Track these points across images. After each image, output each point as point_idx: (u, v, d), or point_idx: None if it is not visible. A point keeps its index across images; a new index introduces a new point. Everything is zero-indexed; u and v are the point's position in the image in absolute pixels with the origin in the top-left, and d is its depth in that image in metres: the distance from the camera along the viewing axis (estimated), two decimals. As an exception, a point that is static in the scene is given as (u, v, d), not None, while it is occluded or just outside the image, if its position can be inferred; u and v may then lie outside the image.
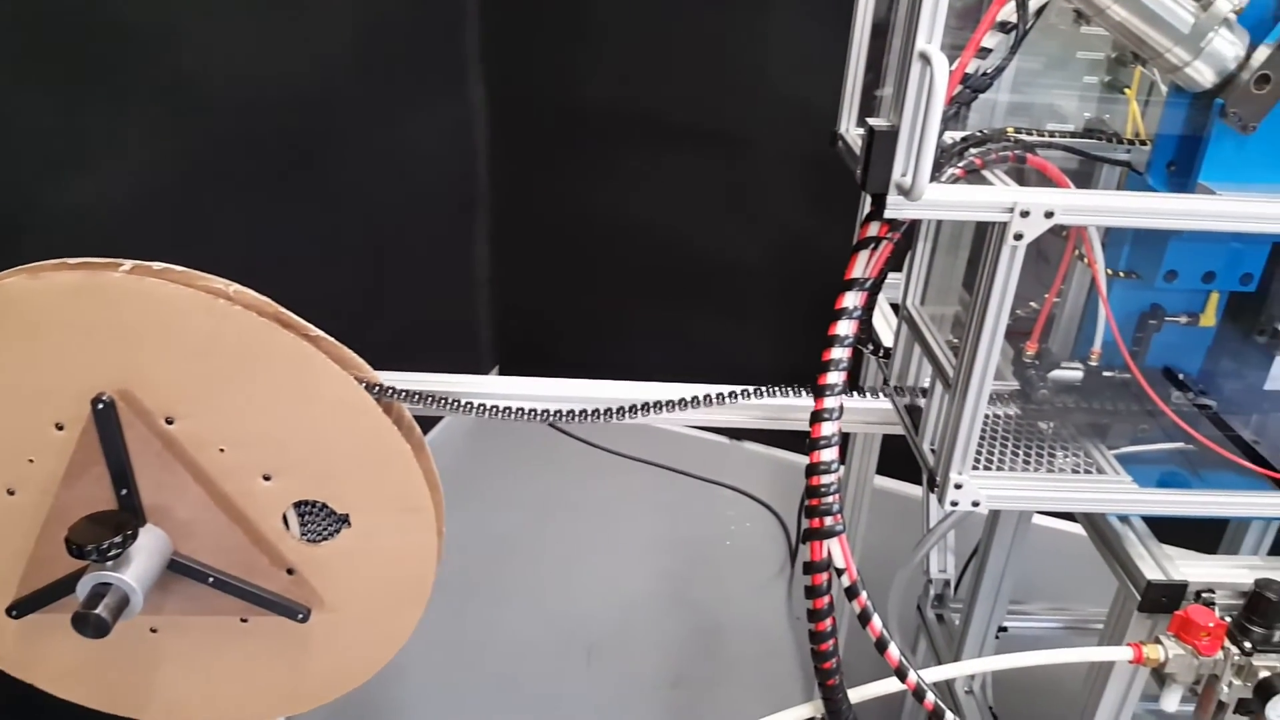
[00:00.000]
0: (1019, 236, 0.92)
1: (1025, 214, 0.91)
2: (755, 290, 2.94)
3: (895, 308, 1.45)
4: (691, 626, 2.41)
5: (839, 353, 1.06)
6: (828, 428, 1.08)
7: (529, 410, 1.23)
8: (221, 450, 1.12)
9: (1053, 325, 1.20)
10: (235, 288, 1.07)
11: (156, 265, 1.05)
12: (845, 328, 1.05)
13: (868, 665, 1.06)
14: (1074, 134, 1.20)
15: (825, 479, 1.07)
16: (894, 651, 1.04)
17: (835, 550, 1.06)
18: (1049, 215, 0.91)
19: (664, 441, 2.99)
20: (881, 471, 1.99)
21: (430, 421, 2.99)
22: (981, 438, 1.16)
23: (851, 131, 1.34)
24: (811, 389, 1.05)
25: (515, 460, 2.98)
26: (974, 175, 1.01)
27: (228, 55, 1.91)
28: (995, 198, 0.93)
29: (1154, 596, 1.03)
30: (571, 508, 2.82)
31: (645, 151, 2.83)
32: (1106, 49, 1.17)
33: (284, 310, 1.09)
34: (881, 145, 0.90)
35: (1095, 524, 1.15)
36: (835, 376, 1.07)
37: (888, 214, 0.94)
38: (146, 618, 1.20)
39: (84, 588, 1.07)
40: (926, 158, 0.87)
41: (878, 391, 1.42)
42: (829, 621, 1.05)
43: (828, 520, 1.07)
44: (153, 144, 1.77)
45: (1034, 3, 0.95)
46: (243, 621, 1.23)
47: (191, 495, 1.13)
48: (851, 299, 1.05)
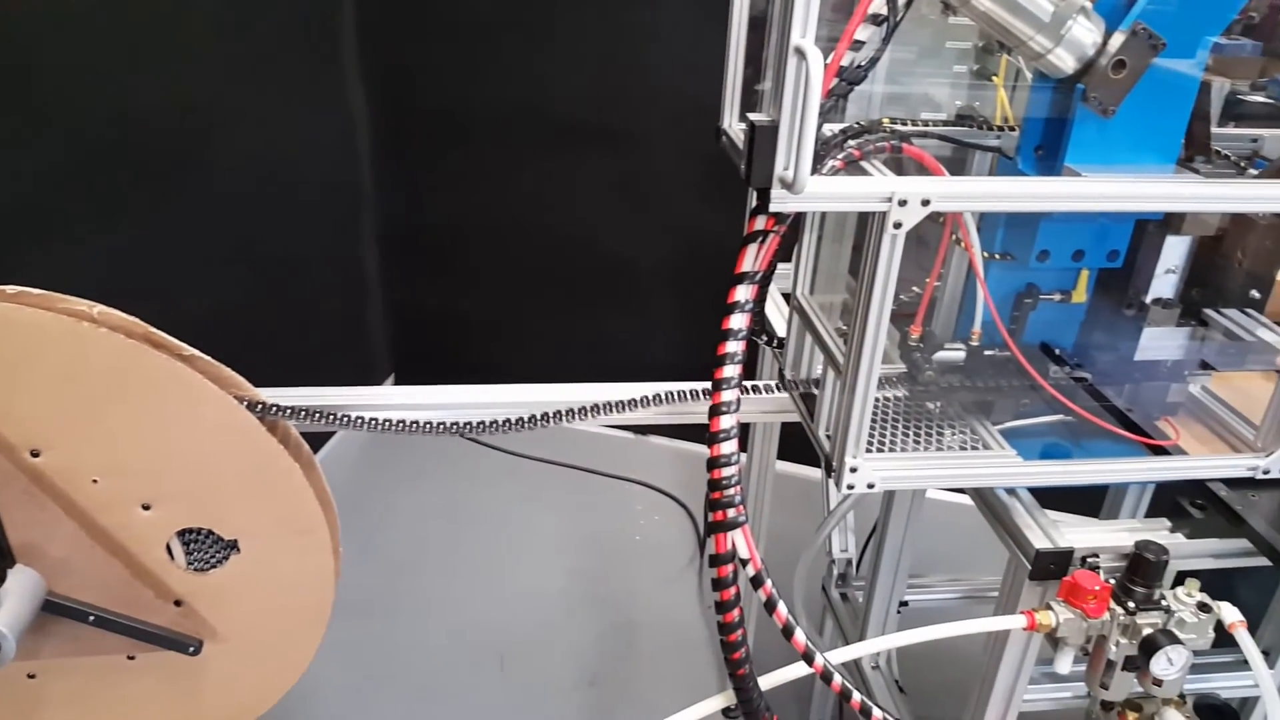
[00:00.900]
0: (898, 225, 0.94)
1: (903, 203, 0.93)
2: (654, 284, 2.95)
3: (786, 297, 1.47)
4: (605, 624, 2.40)
5: (733, 346, 1.07)
6: (726, 421, 1.09)
7: (424, 423, 1.21)
8: (95, 481, 1.06)
9: (935, 308, 1.23)
10: (100, 309, 1.02)
11: (10, 288, 0.99)
12: (738, 321, 1.06)
13: (781, 650, 1.07)
14: (947, 122, 1.24)
15: (726, 471, 1.08)
16: (800, 636, 1.05)
17: (739, 541, 1.07)
18: (926, 203, 0.93)
19: (569, 440, 2.98)
20: (782, 457, 2.02)
21: (324, 434, 2.91)
22: (873, 421, 1.18)
23: (735, 127, 1.35)
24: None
25: (415, 468, 2.92)
26: (854, 166, 1.03)
27: (85, 59, 1.81)
28: (874, 188, 0.94)
29: (1043, 565, 1.08)
30: (476, 513, 2.78)
31: (536, 149, 2.81)
32: (974, 38, 1.21)
33: (154, 330, 1.03)
34: (763, 140, 0.91)
35: (984, 497, 1.20)
36: (731, 369, 1.08)
37: (772, 208, 0.95)
38: (23, 664, 1.14)
39: (-51, 639, 1.00)
40: (807, 151, 0.88)
41: (774, 387, 1.44)
42: (737, 612, 1.06)
43: (731, 512, 1.08)
44: (2, 154, 1.67)
45: (902, -5, 0.97)
46: (130, 659, 1.17)
47: (65, 531, 1.07)
48: (743, 292, 1.06)
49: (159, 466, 1.07)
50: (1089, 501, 1.59)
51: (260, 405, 1.09)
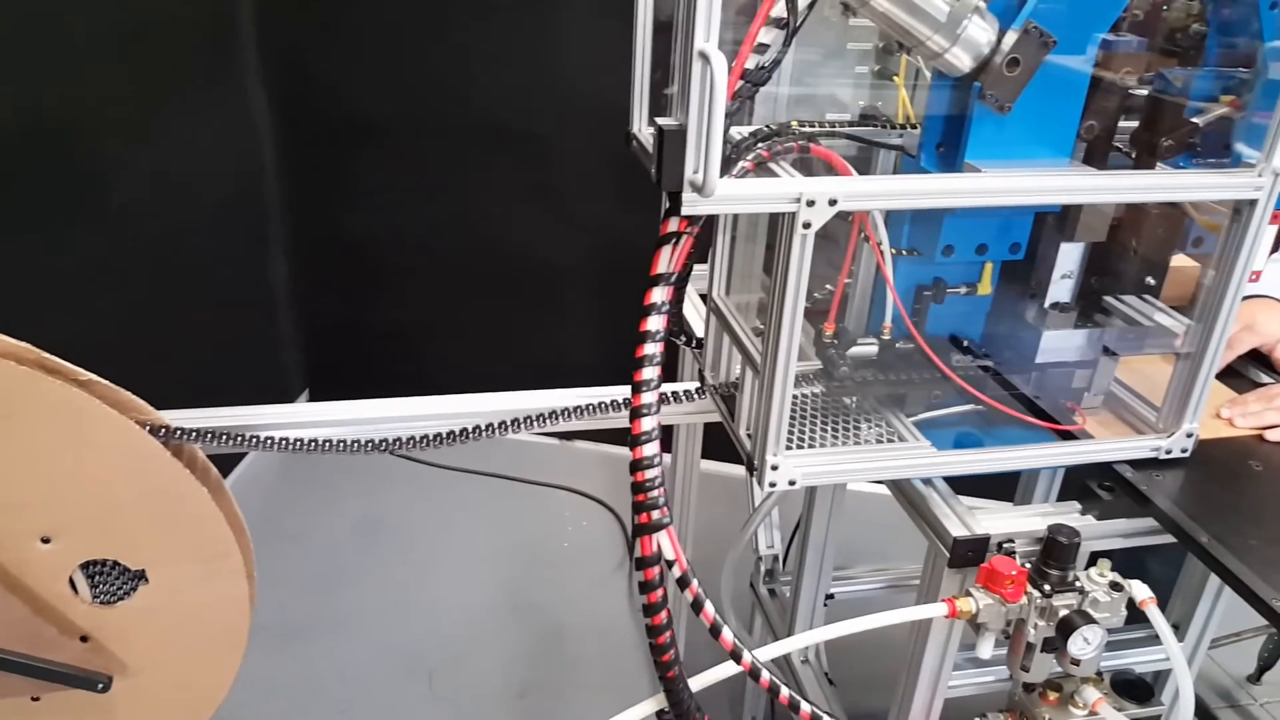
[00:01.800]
0: (807, 225, 0.96)
1: (811, 203, 0.94)
2: (573, 287, 2.94)
3: (704, 297, 1.48)
4: (535, 633, 2.39)
5: (651, 348, 1.07)
6: (647, 423, 1.09)
7: (336, 441, 1.18)
8: (-12, 517, 1.01)
9: (847, 305, 1.25)
10: (-14, 336, 0.97)
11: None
12: (655, 323, 1.06)
13: (713, 649, 1.07)
14: (852, 122, 1.26)
15: (649, 474, 1.08)
16: (728, 635, 1.06)
17: (665, 543, 1.07)
18: (833, 203, 0.95)
19: (491, 448, 2.94)
20: (707, 456, 2.03)
21: (236, 455, 2.83)
22: (792, 418, 1.20)
23: (644, 131, 1.35)
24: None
25: (332, 485, 2.85)
26: (763, 168, 1.04)
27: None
28: (783, 189, 0.96)
29: (961, 552, 1.10)
30: (398, 528, 2.73)
31: (448, 154, 2.78)
32: (874, 39, 1.23)
33: (47, 355, 0.99)
34: (671, 145, 0.91)
35: (902, 488, 1.22)
36: (650, 371, 1.08)
37: (684, 211, 0.95)
38: (-85, 713, 1.07)
39: None
40: (715, 154, 0.89)
41: (694, 392, 1.45)
42: (664, 614, 1.06)
43: (655, 514, 1.08)
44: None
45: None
46: (35, 700, 1.11)
47: (-44, 571, 1.01)
48: (659, 294, 1.06)
49: (58, 497, 1.02)
50: (1003, 486, 1.64)
51: (164, 429, 1.05)
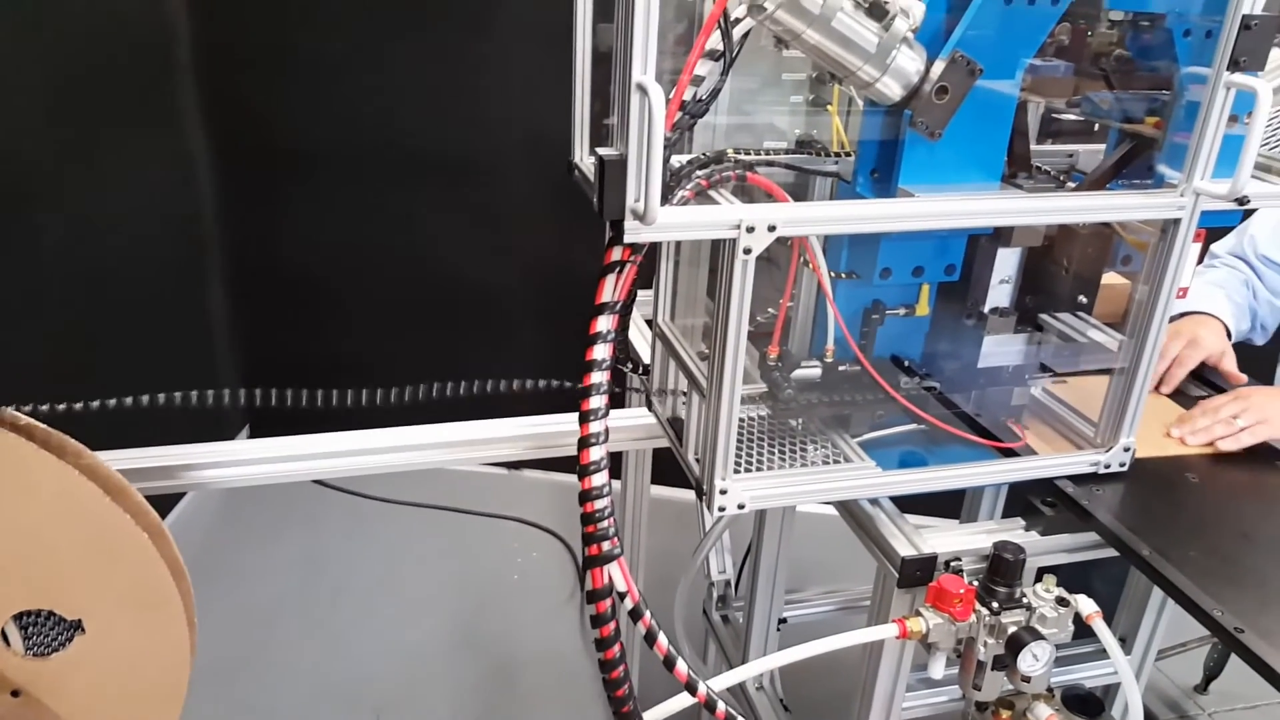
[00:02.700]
0: (748, 250, 0.97)
1: (751, 229, 0.96)
2: (518, 316, 2.93)
3: (649, 323, 1.49)
4: (486, 667, 2.35)
5: (598, 376, 1.07)
6: (595, 452, 1.08)
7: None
8: (-90, 570, 0.97)
9: (790, 328, 1.27)
10: (-94, 382, 0.93)
11: None
12: (601, 351, 1.06)
13: (668, 679, 1.06)
14: (789, 150, 1.28)
15: (599, 504, 1.08)
16: (682, 667, 1.05)
17: (616, 574, 1.06)
18: (772, 229, 0.96)
19: (438, 481, 2.91)
20: (657, 481, 2.03)
21: (175, 495, 2.76)
22: (740, 441, 1.20)
23: (585, 160, 1.36)
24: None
25: (275, 521, 2.79)
26: (703, 196, 1.05)
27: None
28: (723, 216, 0.97)
29: (909, 572, 1.11)
30: (344, 565, 2.68)
31: (390, 183, 2.76)
32: (808, 69, 1.25)
33: (-27, 401, 0.96)
34: (612, 174, 0.92)
35: (849, 508, 1.23)
36: (597, 400, 1.08)
37: (626, 239, 0.96)
38: None
39: None
40: (655, 183, 0.90)
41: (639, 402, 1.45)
42: (617, 648, 1.05)
43: (606, 545, 1.08)
44: None
45: (738, 31, 1.00)
46: (-38, 761, 1.06)
47: (-124, 628, 0.97)
48: (604, 323, 1.06)
49: (-15, 548, 0.99)
50: (950, 503, 1.66)
51: (99, 471, 1.02)
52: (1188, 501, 1.24)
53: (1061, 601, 1.09)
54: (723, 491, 1.11)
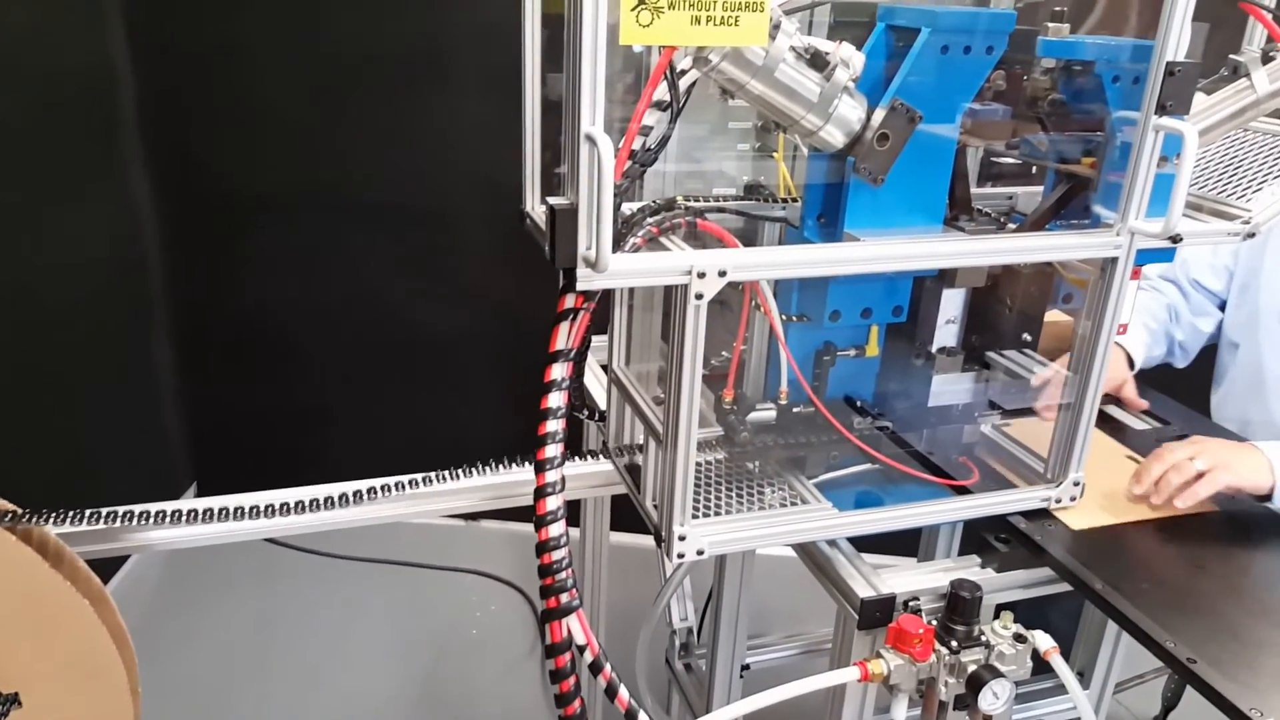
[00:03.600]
0: (699, 296, 0.97)
1: (702, 275, 0.97)
2: (471, 365, 2.91)
3: (605, 368, 1.49)
4: (445, 727, 2.30)
5: (553, 425, 1.07)
6: (552, 502, 1.08)
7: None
8: None
9: (744, 370, 1.28)
10: None
11: None
12: (556, 399, 1.06)
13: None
14: (737, 195, 1.30)
15: (556, 555, 1.07)
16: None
17: (575, 627, 1.05)
18: (723, 274, 0.97)
19: (393, 534, 2.85)
20: (616, 527, 2.01)
21: (118, 558, 2.67)
22: (697, 485, 1.20)
23: (537, 209, 1.37)
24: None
25: (223, 581, 2.71)
26: (654, 242, 1.06)
27: None
28: (674, 263, 0.98)
29: (869, 613, 1.11)
30: (295, 624, 2.61)
31: (340, 232, 2.74)
32: (753, 118, 1.28)
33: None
34: (563, 223, 0.93)
35: (808, 550, 1.23)
36: (553, 449, 1.07)
37: (579, 287, 0.96)
38: None
39: None
40: (606, 231, 0.91)
41: (598, 454, 1.44)
42: (578, 704, 1.04)
43: (564, 598, 1.06)
44: None
45: (684, 81, 1.02)
46: None
47: None
48: (558, 370, 1.06)
49: (-85, 620, 0.95)
50: (907, 540, 1.66)
51: (38, 536, 0.99)
52: (1140, 535, 1.26)
53: (1019, 638, 1.09)
54: (681, 538, 1.11)
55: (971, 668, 1.07)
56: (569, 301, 1.04)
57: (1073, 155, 1.22)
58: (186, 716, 2.24)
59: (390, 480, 1.37)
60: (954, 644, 1.08)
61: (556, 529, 1.07)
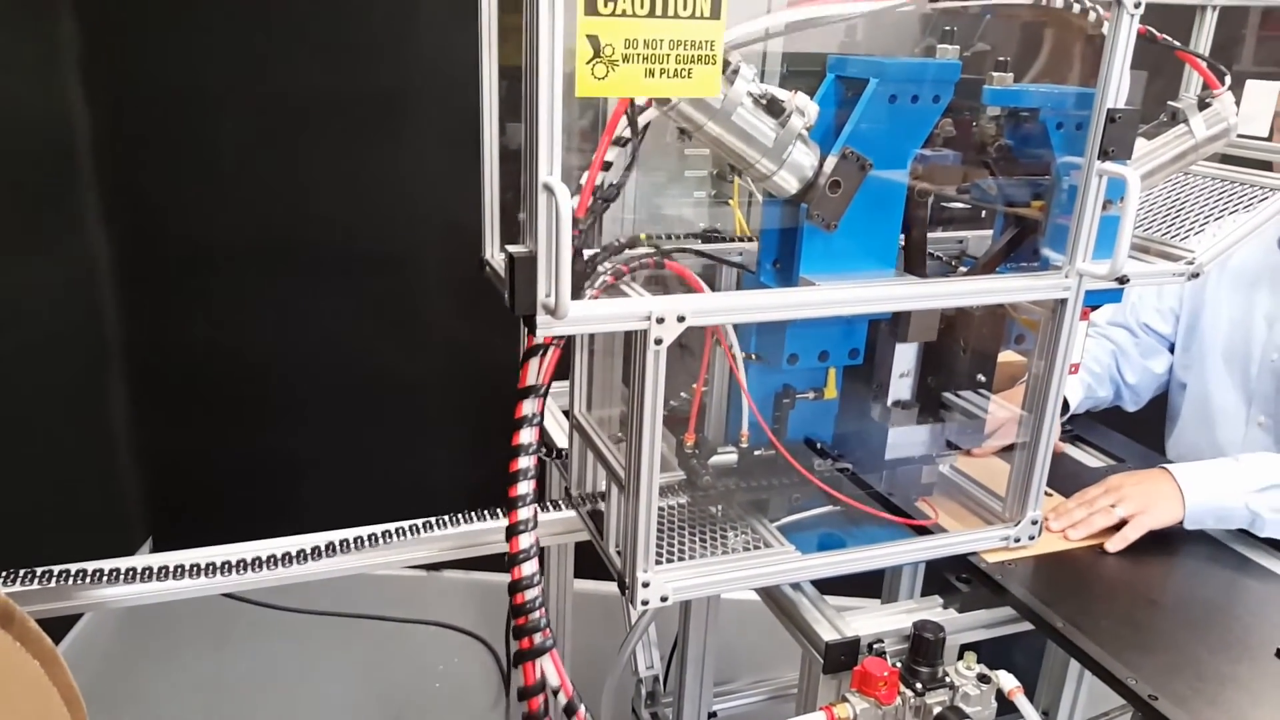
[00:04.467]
0: (659, 341, 0.98)
1: (661, 320, 0.97)
2: (433, 410, 2.89)
3: (566, 413, 1.48)
4: (409, 784, 2.24)
5: (525, 461, 1.06)
6: (525, 539, 1.07)
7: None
8: None
9: (705, 414, 1.28)
10: None
11: None
12: (528, 435, 1.06)
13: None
14: (697, 236, 1.32)
15: (530, 594, 1.06)
16: (611, 769, 1.03)
17: (549, 668, 1.04)
18: (682, 319, 0.98)
19: (353, 586, 2.79)
20: (579, 574, 1.99)
21: (71, 616, 2.60)
22: (660, 530, 1.20)
23: (496, 256, 1.37)
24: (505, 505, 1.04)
25: (182, 637, 2.64)
26: (614, 288, 1.07)
27: None
28: (633, 308, 0.98)
29: (834, 657, 1.11)
30: (255, 682, 2.54)
31: (301, 279, 2.72)
32: (709, 166, 1.30)
33: None
34: (522, 271, 0.93)
35: (772, 594, 1.23)
36: (525, 486, 1.07)
37: (539, 333, 0.96)
38: None
39: None
40: (565, 279, 0.91)
41: (559, 503, 1.43)
42: (550, 750, 1.02)
43: (538, 638, 1.05)
44: None
45: (642, 119, 1.04)
46: None
47: None
48: (529, 406, 1.06)
49: None
50: (871, 581, 1.67)
51: (-18, 598, 0.96)
52: (1097, 570, 1.28)
53: (983, 678, 1.09)
54: (645, 584, 1.10)
55: (937, 709, 1.06)
56: (539, 337, 1.04)
57: (1021, 199, 1.25)
58: (139, 780, 2.17)
59: (350, 535, 1.36)
60: (919, 686, 1.07)
61: (529, 567, 1.06)
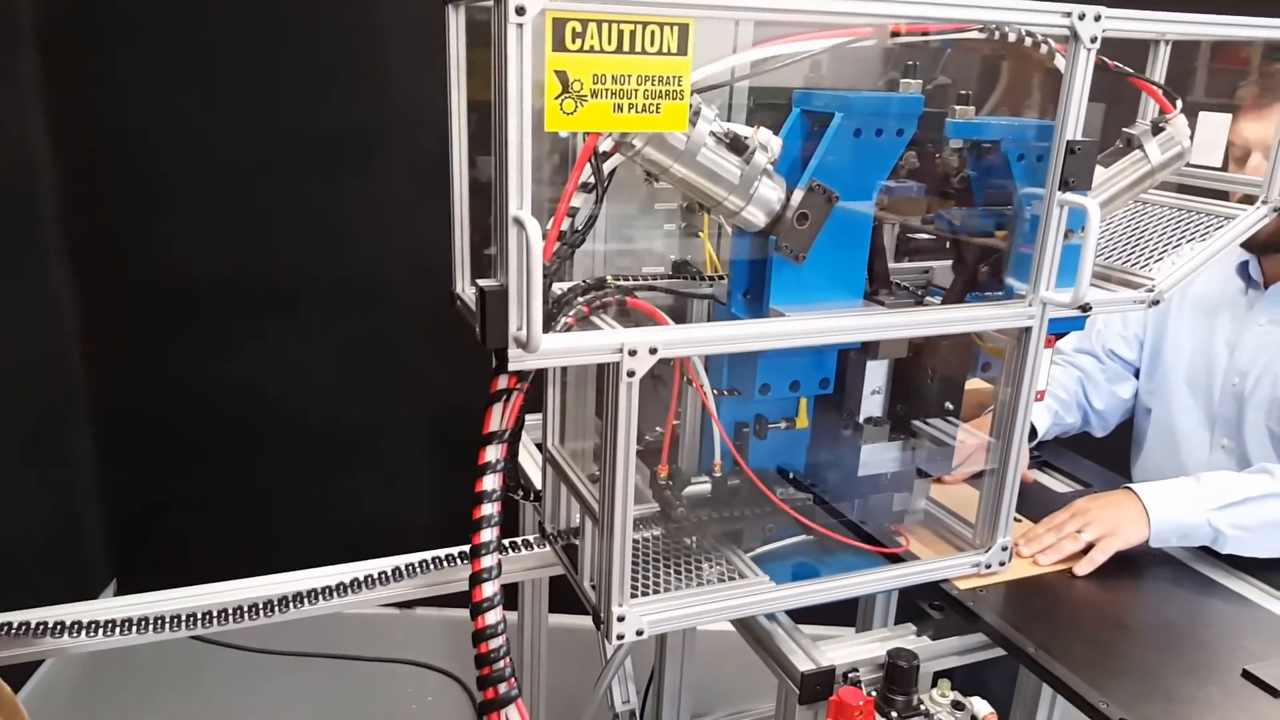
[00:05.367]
0: (631, 373, 0.99)
1: (633, 353, 0.98)
2: (403, 449, 2.86)
3: (540, 446, 1.48)
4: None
5: (489, 508, 1.06)
6: (489, 588, 1.06)
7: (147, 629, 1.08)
8: None
9: (678, 445, 1.28)
10: None
11: None
12: (491, 482, 1.06)
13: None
14: (666, 274, 1.33)
15: (494, 643, 1.05)
16: (587, 810, 1.01)
17: (514, 717, 1.03)
18: (654, 351, 0.99)
19: (324, 625, 2.75)
20: (555, 609, 1.98)
21: (32, 662, 2.53)
22: (635, 563, 1.19)
23: (467, 291, 1.37)
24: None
25: (149, 681, 2.58)
26: (585, 321, 1.07)
27: None
28: (605, 341, 0.99)
29: (810, 687, 1.11)
30: (222, 725, 2.49)
31: (267, 319, 2.69)
32: (679, 199, 1.31)
33: None
34: (494, 305, 0.94)
35: (746, 625, 1.23)
36: (488, 533, 1.06)
37: (510, 367, 0.97)
38: None
39: None
40: (536, 312, 0.92)
41: (532, 543, 1.43)
42: (518, 795, 1.01)
43: (503, 687, 1.05)
44: None
45: (608, 165, 1.04)
46: None
47: None
48: (493, 453, 1.06)
49: None
50: (845, 609, 1.66)
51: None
52: (1067, 595, 1.29)
53: (958, 705, 1.10)
54: (620, 618, 1.10)
55: (912, 738, 1.07)
56: (502, 383, 1.04)
57: (985, 229, 1.27)
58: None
59: (319, 582, 1.35)
60: (894, 714, 1.08)
61: (493, 616, 1.06)
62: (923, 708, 1.09)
